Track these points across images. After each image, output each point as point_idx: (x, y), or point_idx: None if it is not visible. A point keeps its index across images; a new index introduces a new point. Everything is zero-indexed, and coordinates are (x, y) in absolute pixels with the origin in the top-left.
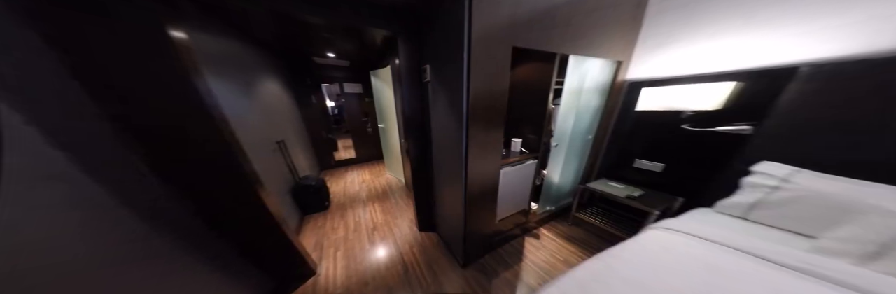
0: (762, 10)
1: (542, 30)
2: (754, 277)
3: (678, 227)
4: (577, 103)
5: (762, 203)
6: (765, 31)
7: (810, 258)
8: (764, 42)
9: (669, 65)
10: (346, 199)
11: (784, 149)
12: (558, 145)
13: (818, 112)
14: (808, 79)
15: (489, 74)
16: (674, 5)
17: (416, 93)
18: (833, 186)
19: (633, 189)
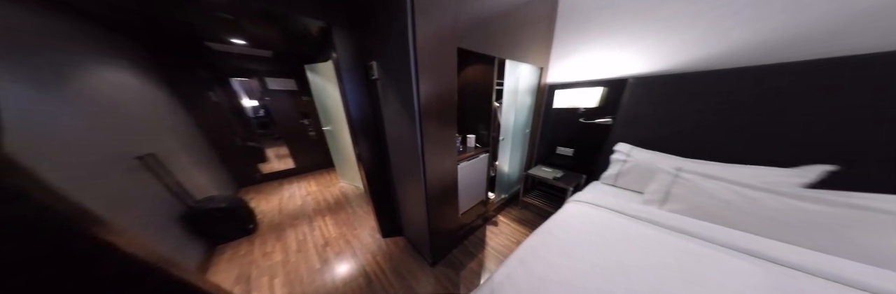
0: (615, 36)
1: (484, 35)
2: (619, 226)
3: (582, 198)
4: (515, 102)
5: (621, 173)
6: (615, 52)
7: (640, 208)
8: (616, 59)
9: (570, 72)
10: (282, 218)
11: (629, 133)
12: (505, 139)
13: (642, 108)
14: (634, 86)
15: (439, 73)
16: (570, 28)
17: (364, 91)
18: (647, 157)
19: (557, 171)
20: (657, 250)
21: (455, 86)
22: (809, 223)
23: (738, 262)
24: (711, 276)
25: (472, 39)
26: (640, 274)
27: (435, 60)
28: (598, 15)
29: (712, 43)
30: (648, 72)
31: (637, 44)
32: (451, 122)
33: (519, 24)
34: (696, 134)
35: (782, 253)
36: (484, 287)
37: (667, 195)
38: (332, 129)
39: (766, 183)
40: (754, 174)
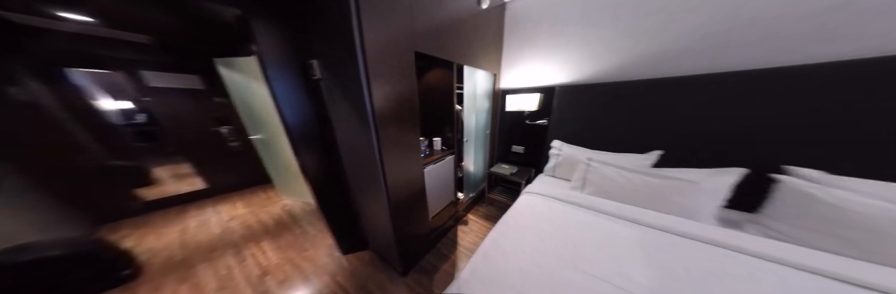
0: (543, 50)
1: (441, 41)
2: (558, 211)
3: (532, 190)
4: (474, 106)
5: (557, 165)
6: (545, 64)
7: (569, 193)
8: (546, 70)
9: (517, 79)
10: (188, 253)
11: (560, 131)
12: (468, 141)
13: (567, 110)
14: (560, 93)
15: (396, 77)
16: (514, 40)
17: (303, 92)
18: (572, 151)
19: (513, 167)
20: (580, 226)
21: (415, 89)
22: (653, 191)
23: (622, 228)
24: (605, 240)
25: (430, 44)
26: (573, 249)
27: (389, 63)
28: (533, 32)
29: (606, 61)
30: (568, 82)
31: (559, 59)
32: (414, 126)
33: (473, 32)
34: (600, 130)
35: (646, 217)
36: (452, 286)
37: (584, 181)
38: (264, 137)
39: (634, 165)
40: (629, 160)
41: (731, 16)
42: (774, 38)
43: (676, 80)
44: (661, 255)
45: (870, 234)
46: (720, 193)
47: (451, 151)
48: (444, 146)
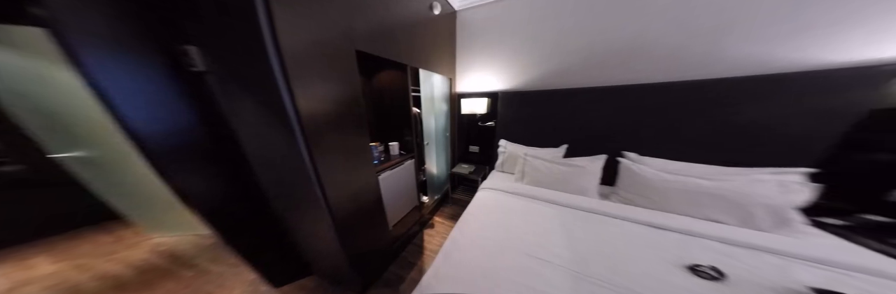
0: (483, 58)
1: (391, 43)
2: (505, 202)
3: (486, 185)
4: (433, 109)
5: (504, 161)
6: (490, 72)
7: (513, 185)
8: (491, 77)
9: (470, 84)
10: None
11: (505, 132)
12: (429, 143)
13: (509, 113)
14: (502, 98)
15: (331, 76)
16: (465, 48)
17: (172, 89)
18: (514, 148)
19: (471, 167)
20: (521, 212)
21: (359, 92)
22: (563, 176)
23: (548, 209)
24: (539, 222)
25: (378, 45)
26: (517, 234)
27: (321, 61)
28: (480, 42)
29: (531, 73)
30: (507, 88)
31: (500, 68)
32: (361, 130)
33: (427, 37)
34: (531, 130)
35: (560, 198)
36: (415, 291)
37: (523, 173)
38: (89, 155)
39: (552, 157)
40: (549, 153)
41: (600, 44)
42: (605, 66)
43: (568, 91)
44: (573, 228)
45: (657, 193)
46: (597, 174)
47: (410, 155)
48: (402, 150)
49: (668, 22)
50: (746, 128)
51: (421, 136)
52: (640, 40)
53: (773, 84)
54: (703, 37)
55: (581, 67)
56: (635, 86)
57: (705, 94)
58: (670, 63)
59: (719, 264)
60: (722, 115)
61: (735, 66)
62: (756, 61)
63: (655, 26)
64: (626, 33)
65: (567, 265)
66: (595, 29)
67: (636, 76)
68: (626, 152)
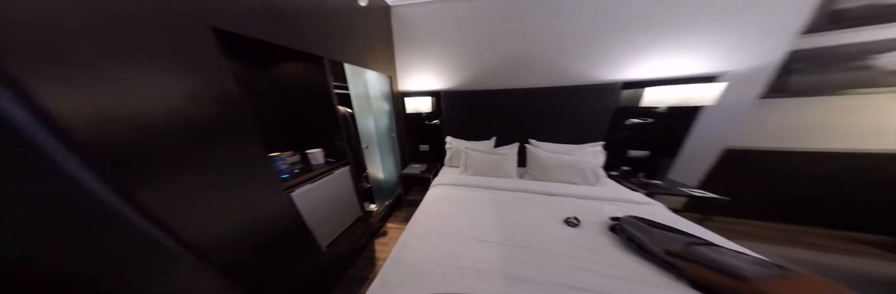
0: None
1: (283, 27)
2: (454, 194)
3: (437, 182)
4: (370, 108)
5: (451, 156)
6: (432, 71)
7: (459, 177)
8: (433, 77)
9: (413, 83)
10: None
11: (451, 129)
12: (369, 147)
13: (452, 112)
14: (444, 98)
15: (164, 65)
16: (403, 48)
17: None
18: (458, 143)
19: (422, 166)
20: (466, 201)
21: (233, 85)
22: (494, 164)
23: (485, 194)
24: (478, 207)
25: (255, 26)
26: (463, 222)
27: (122, 34)
28: (419, 41)
29: (465, 74)
30: (448, 88)
31: (441, 68)
32: (249, 138)
33: (354, 30)
34: (470, 126)
35: (492, 183)
36: None
37: (466, 166)
38: None
39: (486, 148)
40: (483, 145)
41: (509, 54)
42: (514, 72)
43: (491, 91)
44: (501, 206)
45: (547, 168)
46: (514, 158)
47: (342, 162)
48: (330, 158)
49: (539, 43)
50: (579, 118)
51: (356, 139)
52: (530, 54)
53: (587, 90)
54: (557, 56)
55: (501, 71)
56: (531, 89)
57: (562, 95)
58: (545, 72)
59: (578, 214)
60: (571, 110)
61: (575, 78)
62: (582, 76)
63: (533, 46)
64: (518, 48)
65: (498, 240)
66: (505, 41)
67: (534, 81)
68: (531, 139)
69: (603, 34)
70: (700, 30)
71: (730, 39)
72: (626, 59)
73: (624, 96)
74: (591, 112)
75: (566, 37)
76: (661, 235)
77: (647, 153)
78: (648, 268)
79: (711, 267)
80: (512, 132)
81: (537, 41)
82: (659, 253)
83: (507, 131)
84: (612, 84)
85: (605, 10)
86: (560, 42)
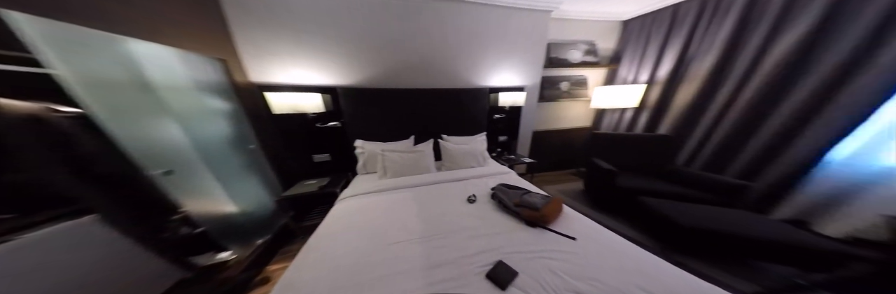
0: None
1: None
2: (372, 202)
3: (347, 194)
4: (163, 106)
5: (365, 162)
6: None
7: (379, 183)
8: (319, 73)
9: (280, 73)
10: None
11: (359, 131)
12: (175, 171)
13: (359, 111)
14: (344, 95)
15: None
16: (254, 24)
17: None
18: (372, 147)
19: (322, 180)
20: (388, 206)
21: None
22: (414, 162)
23: (407, 193)
24: (401, 209)
25: None
26: (383, 228)
27: None
28: (284, 23)
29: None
30: (350, 84)
31: (333, 60)
32: None
33: None
34: (383, 126)
35: (414, 180)
36: None
37: (385, 169)
38: None
39: (405, 147)
40: (402, 144)
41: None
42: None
43: (403, 91)
44: (423, 201)
45: (456, 158)
46: (431, 154)
47: (72, 209)
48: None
49: (439, 47)
50: (476, 112)
51: (117, 162)
52: (433, 57)
53: (474, 93)
54: (452, 61)
55: (411, 70)
56: (438, 89)
57: (460, 96)
58: (448, 75)
59: (476, 192)
60: (466, 108)
61: (465, 82)
62: (467, 81)
63: (437, 50)
64: (424, 50)
65: (420, 235)
66: (411, 41)
67: (438, 82)
68: (443, 135)
69: (474, 48)
70: (512, 57)
71: (524, 66)
72: (487, 70)
73: (491, 98)
74: (478, 110)
75: (450, 46)
76: (512, 193)
77: (506, 138)
78: (510, 219)
79: (528, 206)
80: (427, 129)
81: (438, 45)
82: (511, 206)
83: (423, 129)
84: (484, 89)
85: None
86: (451, 49)
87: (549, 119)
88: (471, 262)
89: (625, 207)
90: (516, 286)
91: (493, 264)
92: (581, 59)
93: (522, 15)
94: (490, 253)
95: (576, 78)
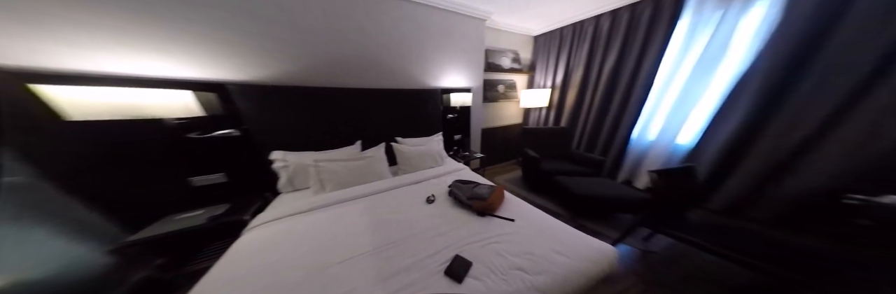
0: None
1: None
2: (300, 224)
3: (263, 219)
4: None
5: (291, 177)
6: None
7: (311, 200)
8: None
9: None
10: None
11: (275, 140)
12: None
13: (270, 116)
14: (239, 93)
15: None
16: None
17: None
18: (299, 158)
19: (217, 207)
20: (329, 224)
21: None
22: (364, 169)
23: (357, 206)
24: (348, 224)
25: None
26: (325, 249)
27: None
28: None
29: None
30: (246, 80)
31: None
32: None
33: None
34: (315, 132)
35: (366, 189)
36: None
37: (322, 182)
38: None
39: (350, 155)
40: (346, 151)
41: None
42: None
43: (347, 90)
44: (377, 211)
45: (413, 160)
46: (383, 159)
47: None
48: None
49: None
50: (430, 112)
51: None
52: (376, 55)
53: (428, 93)
54: (402, 60)
55: (341, 68)
56: (387, 90)
57: (412, 97)
58: (393, 75)
59: (435, 192)
60: (420, 109)
61: (417, 82)
62: (419, 81)
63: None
64: (359, 46)
65: (371, 248)
66: (339, 36)
67: (385, 82)
68: (397, 137)
69: (425, 50)
70: (459, 60)
71: (468, 69)
72: (438, 72)
73: (444, 99)
74: (432, 110)
75: (397, 45)
76: (465, 188)
77: (461, 136)
78: (465, 212)
79: (478, 198)
80: (378, 133)
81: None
82: (465, 200)
83: (373, 133)
84: (437, 89)
85: (422, 30)
86: (400, 49)
87: (493, 117)
88: (430, 262)
89: (548, 186)
90: (471, 276)
91: (451, 260)
92: (510, 66)
93: (463, 20)
94: (449, 249)
95: (508, 82)
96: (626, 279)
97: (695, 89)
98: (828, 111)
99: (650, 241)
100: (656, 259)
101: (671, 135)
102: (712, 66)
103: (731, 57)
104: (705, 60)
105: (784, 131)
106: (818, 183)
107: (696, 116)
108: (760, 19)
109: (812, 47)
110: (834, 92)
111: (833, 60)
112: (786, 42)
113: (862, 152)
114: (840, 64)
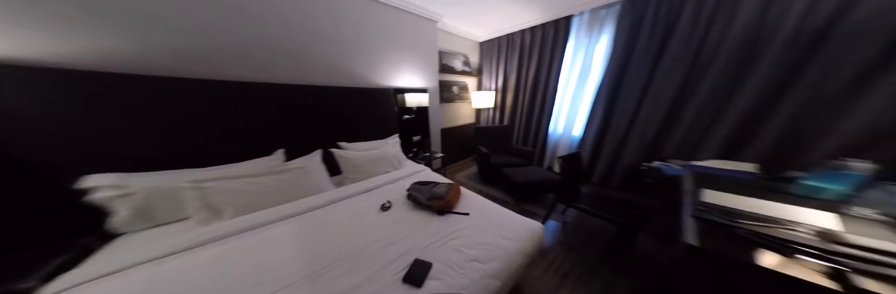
0: None
1: None
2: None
3: (92, 273)
4: None
5: (137, 210)
6: None
7: (190, 235)
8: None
9: None
10: None
11: (94, 157)
12: None
13: (82, 118)
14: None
15: None
16: None
17: None
18: (155, 181)
19: None
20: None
21: None
22: (288, 184)
23: (278, 229)
24: (264, 254)
25: None
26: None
27: None
28: None
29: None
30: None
31: None
32: None
33: None
34: (189, 140)
35: (293, 208)
36: None
37: (211, 208)
38: None
39: (266, 168)
40: (259, 164)
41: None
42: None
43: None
44: (312, 231)
45: (362, 167)
46: (321, 169)
47: None
48: None
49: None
50: (384, 113)
51: None
52: (304, 47)
53: (379, 92)
54: (336, 56)
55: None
56: (320, 87)
57: (357, 96)
58: (327, 70)
59: (391, 197)
60: (370, 110)
61: (361, 80)
62: (364, 79)
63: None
64: (282, 37)
65: (304, 275)
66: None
67: (315, 78)
68: (340, 143)
69: (372, 45)
70: (412, 60)
71: (423, 70)
72: (390, 71)
73: (398, 100)
74: (385, 111)
75: (339, 39)
76: (424, 189)
77: (420, 137)
78: (425, 214)
79: (436, 197)
80: (311, 140)
81: (308, 35)
82: (424, 201)
83: (302, 139)
84: (388, 89)
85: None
86: (335, 42)
87: (451, 118)
88: (385, 273)
89: (497, 178)
90: (431, 277)
91: (409, 266)
92: (461, 68)
93: (414, 19)
94: (407, 255)
95: (461, 83)
96: (554, 249)
97: (578, 94)
98: (630, 117)
99: (565, 214)
100: (569, 228)
101: (570, 128)
102: (585, 77)
103: (594, 71)
104: (582, 73)
105: (616, 127)
106: (633, 158)
107: (581, 114)
108: (605, 47)
109: (623, 67)
110: (633, 103)
111: (631, 83)
112: (613, 64)
113: (642, 141)
114: (631, 84)
